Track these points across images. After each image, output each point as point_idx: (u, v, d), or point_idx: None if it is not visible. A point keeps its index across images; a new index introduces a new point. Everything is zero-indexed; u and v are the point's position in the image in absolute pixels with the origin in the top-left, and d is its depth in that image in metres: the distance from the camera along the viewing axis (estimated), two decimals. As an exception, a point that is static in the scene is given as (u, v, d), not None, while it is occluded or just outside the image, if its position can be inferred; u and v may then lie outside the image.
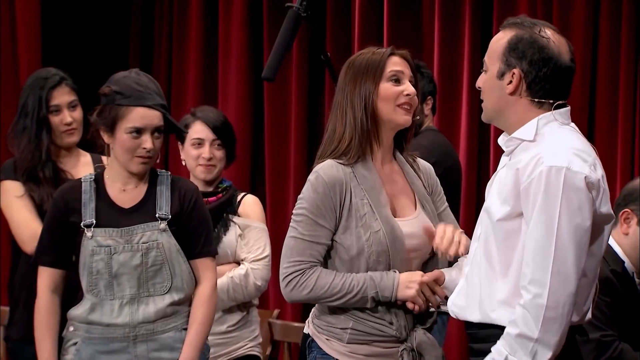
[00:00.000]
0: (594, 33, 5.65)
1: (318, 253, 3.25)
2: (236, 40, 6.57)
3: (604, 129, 5.63)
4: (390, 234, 3.22)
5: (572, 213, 2.89)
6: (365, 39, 6.05)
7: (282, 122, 6.48)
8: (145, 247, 3.59)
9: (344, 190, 3.23)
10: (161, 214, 3.63)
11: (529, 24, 3.04)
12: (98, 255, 3.59)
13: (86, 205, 3.63)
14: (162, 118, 3.62)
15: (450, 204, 4.72)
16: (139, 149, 3.59)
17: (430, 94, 4.87)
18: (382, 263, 3.23)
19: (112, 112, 3.59)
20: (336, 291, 3.22)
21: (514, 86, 3.02)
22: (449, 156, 4.80)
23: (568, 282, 2.89)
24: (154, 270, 3.61)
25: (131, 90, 3.59)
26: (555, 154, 2.92)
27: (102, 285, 3.60)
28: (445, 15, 5.94)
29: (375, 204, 3.24)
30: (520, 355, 2.90)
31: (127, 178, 3.66)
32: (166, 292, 3.62)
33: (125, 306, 3.60)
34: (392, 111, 3.27)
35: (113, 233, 3.60)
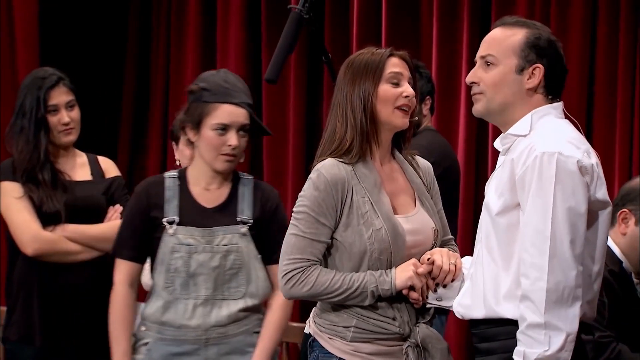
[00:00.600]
0: (591, 33, 5.65)
1: (318, 251, 3.25)
2: (234, 41, 6.55)
3: (601, 130, 5.62)
4: (392, 231, 3.22)
5: (565, 196, 2.91)
6: (363, 39, 6.04)
7: (280, 122, 6.46)
8: (225, 249, 3.59)
9: (346, 188, 3.23)
10: (243, 218, 3.63)
11: (537, 25, 3.11)
12: (178, 253, 3.59)
13: (169, 201, 3.63)
14: (249, 116, 3.62)
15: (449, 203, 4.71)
16: (224, 146, 3.59)
17: (429, 94, 4.87)
18: (383, 260, 3.23)
19: (199, 109, 3.60)
20: (336, 287, 3.22)
21: (536, 81, 3.06)
22: (447, 156, 4.80)
23: (566, 264, 2.90)
24: (231, 274, 3.61)
25: (218, 88, 3.59)
26: (547, 141, 2.96)
27: (178, 283, 3.60)
28: (444, 16, 5.93)
29: (376, 202, 3.24)
30: (536, 346, 2.90)
31: (211, 177, 3.66)
32: (241, 297, 3.62)
33: (199, 307, 3.59)
34: (390, 113, 3.27)
35: (195, 232, 3.60)
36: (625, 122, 5.52)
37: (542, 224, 2.91)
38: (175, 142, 4.46)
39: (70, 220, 4.25)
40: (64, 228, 4.23)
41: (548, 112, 3.08)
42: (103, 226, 4.30)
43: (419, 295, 3.23)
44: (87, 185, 4.35)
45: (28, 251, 4.19)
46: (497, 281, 3.02)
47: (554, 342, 2.89)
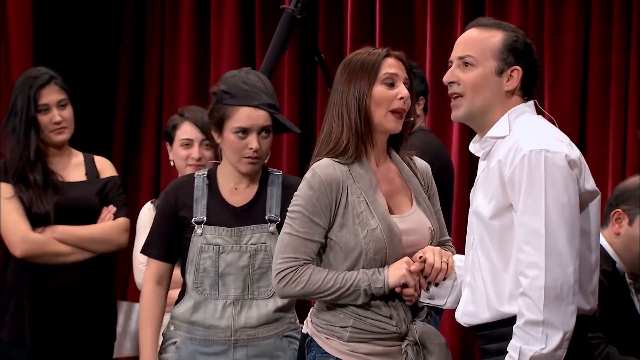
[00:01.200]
0: (585, 33, 5.65)
1: (312, 251, 3.24)
2: (228, 40, 6.54)
3: (595, 130, 5.62)
4: (388, 231, 3.22)
5: (557, 192, 2.92)
6: (357, 39, 6.03)
7: (274, 123, 6.45)
8: (254, 248, 3.57)
9: (341, 188, 3.23)
10: (271, 216, 3.61)
11: (513, 28, 3.13)
12: (206, 253, 3.57)
13: (198, 201, 3.61)
14: (270, 118, 3.58)
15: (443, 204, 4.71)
16: (245, 149, 3.56)
17: (423, 94, 4.86)
18: (378, 260, 3.22)
19: (220, 111, 3.58)
20: (329, 286, 3.21)
21: (515, 83, 3.08)
22: (441, 156, 4.79)
23: (563, 261, 2.90)
24: (260, 273, 3.58)
25: (238, 90, 3.56)
26: (532, 139, 2.97)
27: (207, 283, 3.58)
28: (438, 16, 5.93)
29: (372, 202, 3.24)
30: (533, 343, 2.90)
31: (239, 177, 3.64)
32: (270, 296, 3.59)
33: (229, 307, 3.57)
34: (383, 116, 3.26)
35: (222, 232, 3.58)
36: (619, 121, 5.52)
37: (536, 222, 2.91)
38: (170, 143, 4.45)
39: (62, 221, 4.24)
40: (54, 229, 4.22)
41: (524, 111, 3.09)
42: (94, 227, 4.29)
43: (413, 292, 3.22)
44: (81, 185, 4.34)
45: (17, 253, 4.17)
46: (498, 283, 3.01)
47: (551, 341, 2.90)
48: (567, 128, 5.57)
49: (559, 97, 5.64)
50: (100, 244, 4.27)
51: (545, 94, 5.65)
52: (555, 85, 5.65)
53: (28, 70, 4.44)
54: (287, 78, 6.39)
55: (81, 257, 4.25)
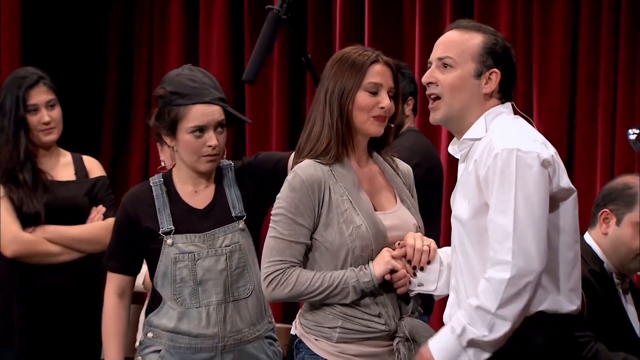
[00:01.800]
0: (573, 33, 5.65)
1: (298, 253, 3.24)
2: (217, 40, 6.54)
3: (583, 130, 5.63)
4: (373, 228, 3.23)
5: (527, 192, 2.94)
6: (346, 38, 6.03)
7: (263, 123, 6.45)
8: (229, 250, 3.54)
9: (323, 188, 3.23)
10: (237, 213, 3.58)
11: (492, 31, 3.15)
12: (181, 262, 3.52)
13: (161, 211, 3.55)
14: (223, 111, 3.56)
15: (432, 206, 4.72)
16: (204, 147, 3.52)
17: (412, 95, 4.85)
18: (365, 257, 3.23)
19: (171, 113, 3.52)
20: (317, 286, 3.22)
21: (492, 87, 3.10)
22: (430, 157, 4.79)
23: (530, 259, 2.92)
24: (238, 274, 3.55)
25: (187, 88, 3.51)
26: (505, 138, 3.00)
27: (186, 293, 3.53)
28: (426, 15, 5.93)
29: (355, 200, 3.25)
30: (478, 327, 2.94)
31: (197, 179, 3.59)
32: (249, 294, 3.57)
33: (213, 314, 3.53)
34: (365, 121, 3.28)
35: (195, 239, 3.53)
36: (607, 122, 5.53)
37: (506, 221, 2.93)
38: (160, 143, 4.44)
39: (51, 221, 4.23)
40: (44, 229, 4.21)
41: (500, 112, 3.12)
42: (84, 227, 4.28)
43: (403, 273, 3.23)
44: (70, 185, 4.33)
45: (7, 253, 4.16)
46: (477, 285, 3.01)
47: (496, 331, 2.94)
48: (555, 128, 5.59)
49: (547, 96, 5.65)
50: (89, 244, 4.26)
51: (534, 93, 5.66)
52: (543, 85, 5.65)
53: (16, 71, 4.42)
54: (276, 79, 6.39)
55: (70, 258, 4.24)
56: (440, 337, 3.03)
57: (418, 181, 4.46)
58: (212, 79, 3.60)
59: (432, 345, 3.04)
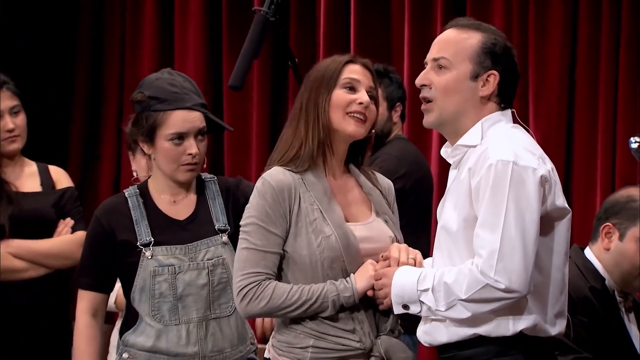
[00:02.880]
0: (572, 35, 5.65)
1: (272, 263, 3.23)
2: (193, 43, 6.53)
3: (582, 137, 5.63)
4: (343, 238, 3.22)
5: (519, 209, 2.92)
6: (331, 41, 6.04)
7: (243, 131, 6.43)
8: (211, 264, 3.52)
9: (293, 195, 3.23)
10: (220, 226, 3.56)
11: (492, 30, 3.13)
12: (161, 276, 3.50)
13: (139, 222, 3.53)
14: (204, 118, 3.54)
15: (421, 217, 4.72)
16: (183, 156, 3.51)
17: (400, 100, 4.85)
18: (336, 270, 3.22)
19: (150, 119, 3.50)
20: (295, 299, 3.20)
21: (490, 89, 3.08)
22: (419, 167, 4.79)
23: (514, 281, 2.91)
24: (220, 289, 3.54)
25: (167, 93, 3.50)
26: (501, 148, 2.98)
27: (165, 309, 3.51)
28: (416, 17, 5.92)
29: (326, 210, 3.24)
30: (439, 300, 2.97)
31: (175, 188, 3.58)
32: (232, 312, 3.56)
33: (193, 331, 3.51)
34: (342, 119, 3.27)
35: (175, 251, 3.52)
36: (608, 129, 5.53)
37: (493, 236, 2.92)
38: (132, 152, 4.42)
39: (16, 234, 4.22)
40: (9, 244, 4.20)
41: (498, 120, 3.09)
42: (52, 241, 4.27)
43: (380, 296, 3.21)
44: (36, 196, 4.32)
45: (-33, 265, 4.15)
46: None
47: (452, 312, 2.97)
48: (553, 135, 5.59)
49: (544, 101, 5.65)
50: (57, 259, 4.26)
51: (530, 98, 5.67)
52: (540, 89, 5.65)
53: (-23, 75, 4.41)
54: (257, 84, 6.39)
55: (36, 274, 4.24)
56: (409, 275, 3.06)
57: (406, 192, 4.48)
58: (192, 83, 3.59)
59: (397, 275, 3.08)
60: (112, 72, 6.81)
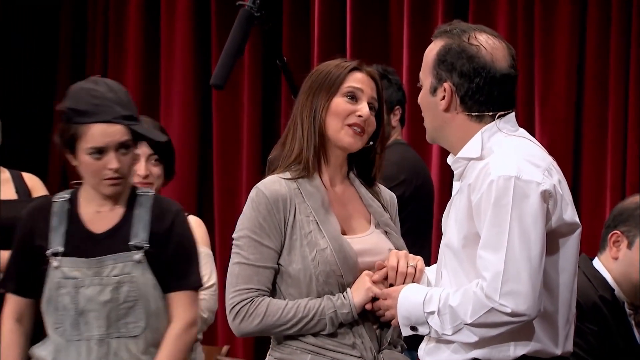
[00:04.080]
0: (580, 37, 5.67)
1: (266, 279, 3.23)
2: (180, 41, 6.55)
3: (591, 143, 5.65)
4: (340, 252, 3.21)
5: (523, 227, 2.91)
6: (326, 40, 6.06)
7: (233, 134, 6.46)
8: (116, 280, 3.50)
9: (288, 206, 3.23)
10: (137, 242, 3.53)
11: (458, 32, 3.06)
12: (64, 288, 3.50)
13: (55, 229, 3.53)
14: (128, 131, 3.52)
15: (421, 226, 4.71)
16: (104, 170, 3.49)
17: (399, 104, 4.85)
18: (332, 284, 3.22)
19: (70, 131, 3.50)
20: (290, 316, 3.20)
21: (447, 102, 3.05)
22: (419, 173, 4.79)
23: (521, 304, 2.89)
24: (127, 308, 3.51)
25: (86, 105, 3.48)
26: (503, 163, 2.95)
27: (67, 323, 3.50)
28: (415, 15, 5.94)
29: (322, 221, 3.24)
30: (445, 323, 2.98)
31: (101, 199, 3.57)
32: (140, 333, 3.53)
33: (94, 348, 3.50)
34: (339, 130, 3.27)
35: (81, 264, 3.50)
36: (618, 133, 5.55)
37: (496, 257, 2.90)
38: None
39: (-7, 242, 4.20)
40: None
41: (498, 129, 3.04)
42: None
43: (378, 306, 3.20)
44: (12, 204, 4.33)
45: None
46: None
47: (459, 336, 2.96)
48: (560, 141, 5.60)
49: (550, 105, 5.67)
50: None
51: (535, 102, 5.69)
52: (546, 93, 5.68)
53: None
54: (248, 85, 6.40)
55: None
56: (414, 296, 3.06)
57: (406, 199, 4.47)
58: (118, 93, 3.54)
59: (403, 296, 3.08)
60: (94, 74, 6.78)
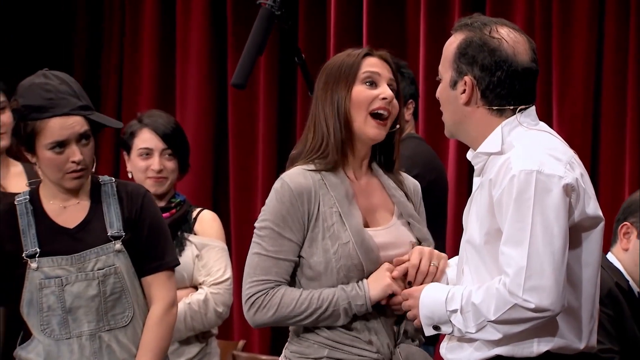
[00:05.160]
0: (598, 32, 5.66)
1: (284, 271, 3.25)
2: (196, 36, 6.56)
3: (609, 139, 5.64)
4: (362, 246, 3.23)
5: (546, 222, 2.90)
6: (342, 37, 6.07)
7: (249, 128, 6.47)
8: (102, 273, 3.53)
9: (312, 198, 3.24)
10: (114, 233, 3.56)
11: (479, 25, 3.07)
12: (48, 288, 3.51)
13: (25, 232, 3.55)
14: (86, 122, 3.54)
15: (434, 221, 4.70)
16: (67, 164, 3.51)
17: (412, 98, 4.83)
18: (353, 279, 3.23)
19: (27, 128, 3.52)
20: (304, 307, 3.22)
21: (468, 95, 3.06)
22: (433, 168, 4.77)
23: (545, 299, 2.90)
24: (114, 300, 3.55)
25: (40, 100, 3.50)
26: (524, 157, 2.96)
27: (55, 323, 3.52)
28: (432, 10, 5.94)
29: (345, 214, 3.25)
30: (469, 321, 2.98)
31: (65, 194, 3.59)
32: (128, 322, 3.57)
33: (86, 344, 3.52)
34: (363, 121, 3.27)
35: (62, 261, 3.53)
36: (636, 130, 5.53)
37: (518, 252, 2.91)
38: (127, 152, 4.48)
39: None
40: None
41: (519, 123, 3.05)
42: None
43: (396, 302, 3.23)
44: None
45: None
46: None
47: (483, 334, 2.97)
48: (578, 137, 5.57)
49: (568, 102, 5.65)
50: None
51: (553, 98, 5.67)
52: (564, 89, 5.65)
53: (-39, 70, 4.43)
54: (264, 82, 6.41)
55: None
56: (436, 295, 3.06)
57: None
58: (70, 84, 3.57)
59: (424, 295, 3.09)
60: (110, 71, 6.85)
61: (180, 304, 4.20)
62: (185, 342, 4.32)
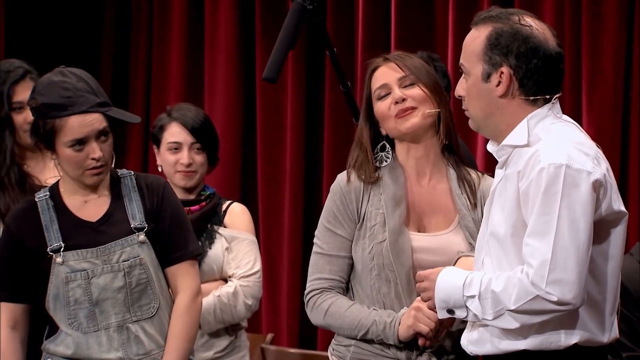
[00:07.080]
0: (628, 21, 5.65)
1: (339, 268, 3.39)
2: (224, 29, 6.59)
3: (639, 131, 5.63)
4: (394, 247, 3.32)
5: (573, 216, 2.93)
6: (370, 30, 6.10)
7: (277, 124, 6.50)
8: (127, 265, 3.58)
9: (361, 197, 3.39)
10: (137, 225, 3.62)
11: (505, 15, 3.08)
12: (74, 282, 3.56)
13: (48, 227, 3.60)
14: (104, 118, 3.60)
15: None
16: (87, 161, 3.56)
17: (445, 90, 4.84)
18: (382, 279, 3.34)
19: (46, 126, 3.57)
20: (345, 325, 3.37)
21: (505, 87, 3.06)
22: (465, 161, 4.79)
23: (567, 293, 2.93)
24: (139, 291, 3.60)
25: (59, 98, 3.55)
26: (553, 150, 2.98)
27: (82, 316, 3.57)
28: (461, 5, 5.95)
29: (389, 214, 3.36)
30: (487, 308, 3.00)
31: (85, 189, 3.64)
32: (154, 313, 3.62)
33: (114, 336, 3.58)
34: (393, 126, 3.43)
35: (87, 254, 3.58)
36: (667, 121, 5.54)
37: (544, 244, 2.93)
38: (157, 145, 4.53)
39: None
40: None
41: (546, 115, 3.08)
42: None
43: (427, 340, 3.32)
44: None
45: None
46: None
47: (500, 322, 3.00)
48: (607, 129, 5.58)
49: (598, 93, 5.63)
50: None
51: (583, 89, 5.66)
52: (593, 80, 5.65)
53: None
54: (292, 75, 6.43)
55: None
56: (454, 279, 3.07)
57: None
58: (88, 81, 3.62)
59: (441, 278, 3.09)
60: (138, 64, 6.89)
61: (210, 296, 4.27)
62: (214, 334, 4.37)
